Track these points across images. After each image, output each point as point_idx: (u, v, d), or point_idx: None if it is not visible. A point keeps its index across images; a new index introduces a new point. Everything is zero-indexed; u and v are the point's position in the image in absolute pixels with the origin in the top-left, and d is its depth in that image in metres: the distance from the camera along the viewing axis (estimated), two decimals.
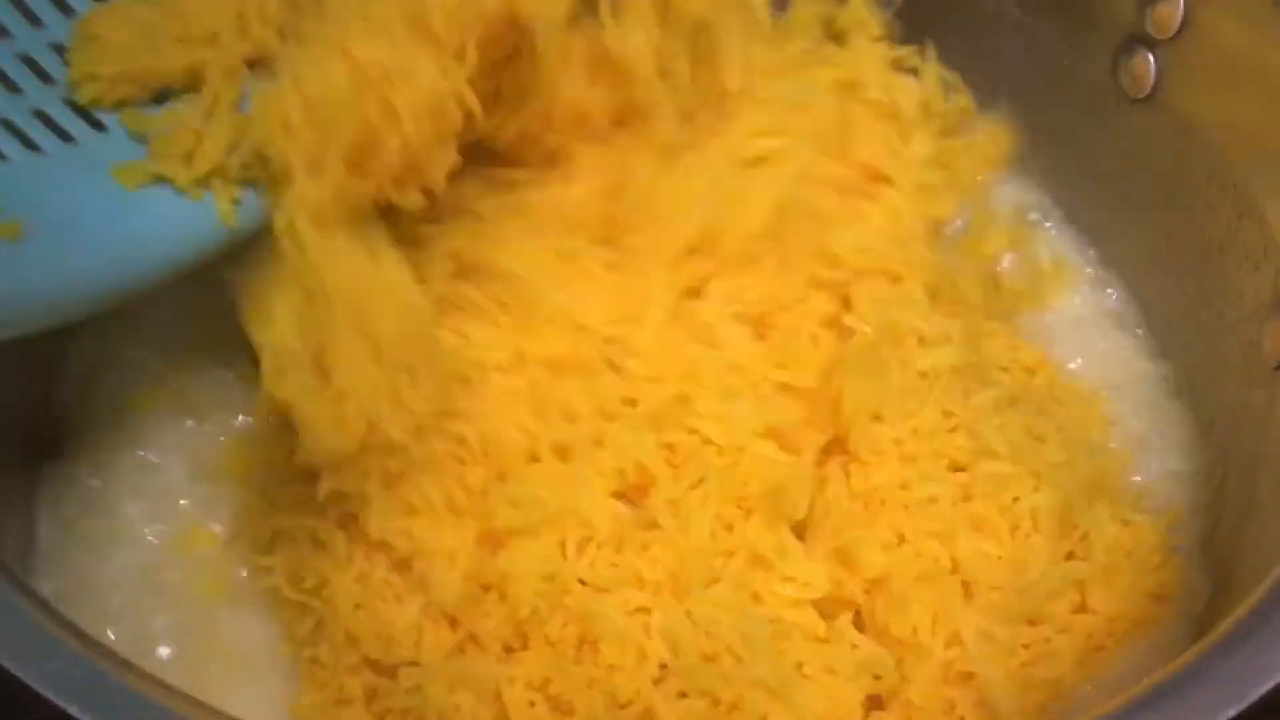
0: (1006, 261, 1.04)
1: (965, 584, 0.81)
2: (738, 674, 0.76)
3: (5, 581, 0.66)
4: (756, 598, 0.78)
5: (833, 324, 0.86)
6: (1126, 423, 1.00)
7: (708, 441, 0.80)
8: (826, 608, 0.81)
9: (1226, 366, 0.91)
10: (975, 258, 0.98)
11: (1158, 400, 1.01)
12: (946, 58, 1.06)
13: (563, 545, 0.78)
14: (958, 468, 0.83)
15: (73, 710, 0.59)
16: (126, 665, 0.62)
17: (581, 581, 0.77)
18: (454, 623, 0.78)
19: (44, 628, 0.63)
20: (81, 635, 0.64)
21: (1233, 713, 0.61)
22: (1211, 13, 0.85)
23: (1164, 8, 0.88)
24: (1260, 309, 0.87)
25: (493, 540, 0.79)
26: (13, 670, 0.60)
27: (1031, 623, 0.81)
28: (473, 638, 0.79)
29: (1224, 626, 0.66)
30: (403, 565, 0.79)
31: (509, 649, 0.78)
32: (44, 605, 0.65)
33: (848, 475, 0.83)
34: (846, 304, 0.86)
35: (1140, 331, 1.03)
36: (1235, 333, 0.90)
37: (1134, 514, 0.87)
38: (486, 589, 0.78)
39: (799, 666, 0.77)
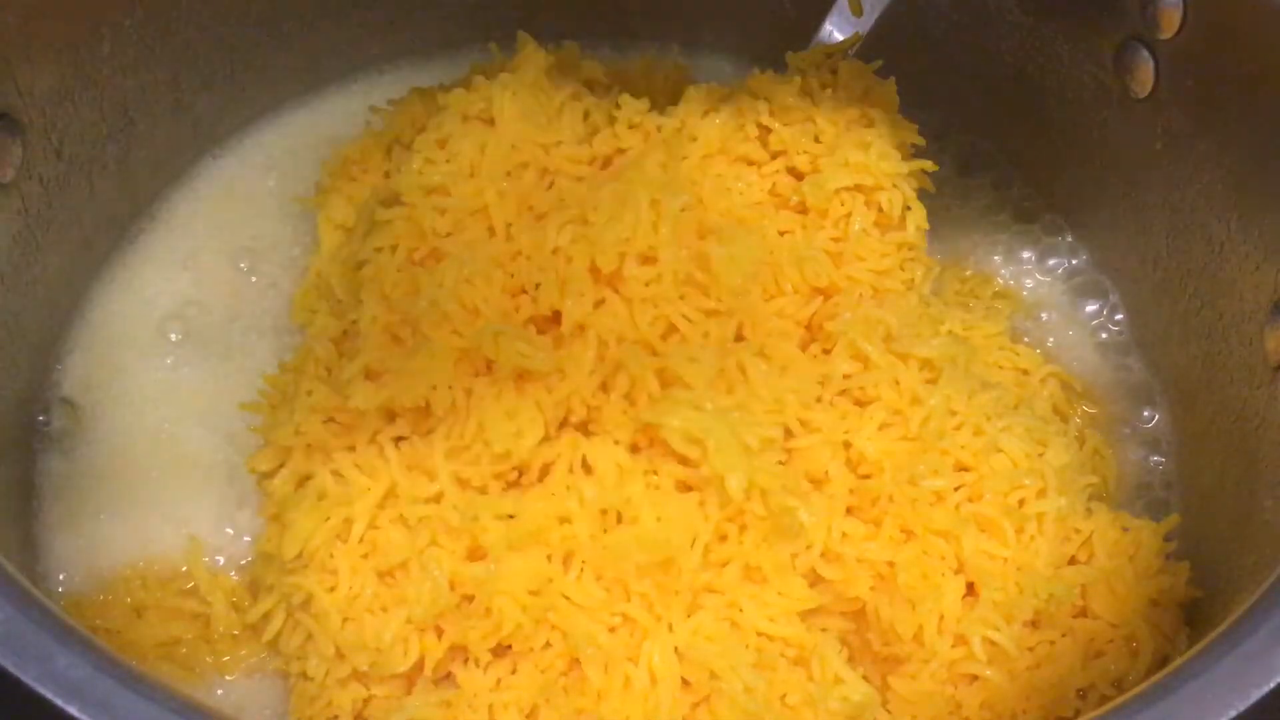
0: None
1: (970, 584, 0.81)
2: (721, 702, 0.76)
3: (6, 584, 0.66)
4: (737, 624, 0.78)
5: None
6: (1126, 423, 1.00)
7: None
8: (823, 604, 0.82)
9: (1226, 367, 0.91)
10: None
11: (1157, 401, 1.01)
12: (946, 58, 1.07)
13: (549, 559, 0.77)
14: (963, 467, 0.83)
15: (73, 710, 0.59)
16: (126, 665, 0.62)
17: (566, 597, 0.77)
18: (441, 633, 0.78)
19: (44, 629, 0.63)
20: (82, 636, 0.64)
21: (1233, 713, 0.61)
22: (1211, 12, 0.85)
23: (1164, 8, 0.88)
24: (1260, 309, 0.87)
25: (480, 554, 0.78)
26: (13, 670, 0.60)
27: (1034, 625, 0.81)
28: (460, 649, 0.79)
29: (1224, 627, 0.66)
30: (388, 576, 0.79)
31: (495, 660, 0.78)
32: (45, 607, 0.65)
33: (853, 466, 0.83)
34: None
35: (1140, 331, 1.03)
36: (1235, 333, 0.90)
37: (1134, 519, 0.87)
38: (470, 600, 0.77)
39: (782, 697, 0.78)
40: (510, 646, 0.78)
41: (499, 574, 0.76)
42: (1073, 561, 0.84)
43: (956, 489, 0.82)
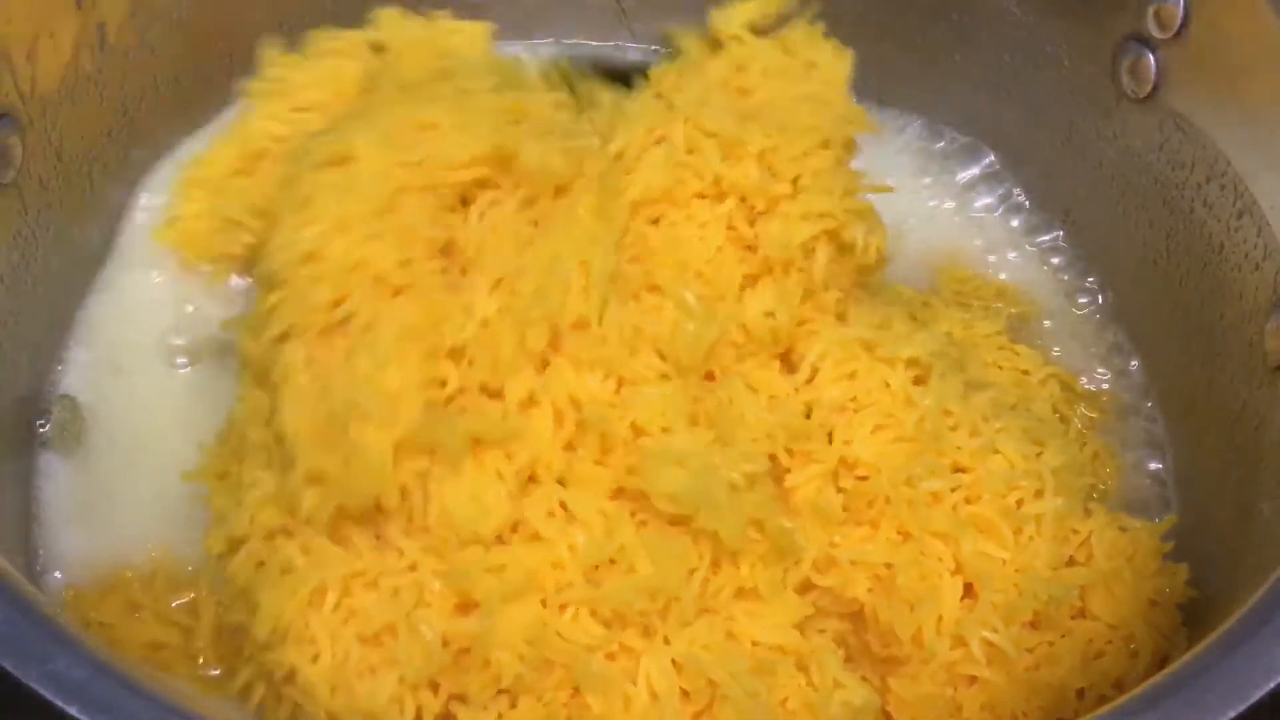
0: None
1: (968, 586, 0.81)
2: (724, 710, 0.75)
3: (6, 584, 0.66)
4: (733, 634, 0.77)
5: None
6: (1125, 424, 1.00)
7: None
8: (822, 606, 0.81)
9: (1226, 367, 0.91)
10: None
11: (1156, 401, 1.01)
12: (946, 59, 1.07)
13: (544, 604, 0.75)
14: (960, 468, 0.82)
15: (73, 710, 0.59)
16: (126, 666, 0.63)
17: (561, 635, 0.75)
18: (437, 688, 0.75)
19: (44, 629, 0.63)
20: (82, 637, 0.64)
21: (1233, 713, 0.61)
22: (1211, 12, 0.85)
23: (1164, 7, 0.88)
24: (1260, 309, 0.87)
25: (471, 606, 0.75)
26: (13, 671, 0.60)
27: (1033, 626, 0.81)
28: (459, 698, 0.76)
29: (1224, 627, 0.66)
30: (373, 640, 0.75)
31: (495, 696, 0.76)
32: (44, 608, 0.65)
33: (850, 468, 0.82)
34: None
35: (1139, 332, 1.03)
36: (1235, 333, 0.90)
37: (1132, 520, 0.87)
38: (466, 652, 0.75)
39: (783, 702, 0.77)
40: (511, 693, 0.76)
41: (494, 627, 0.73)
42: (1071, 562, 0.84)
43: (954, 490, 0.82)
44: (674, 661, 0.76)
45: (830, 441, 0.82)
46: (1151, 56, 0.92)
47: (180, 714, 0.61)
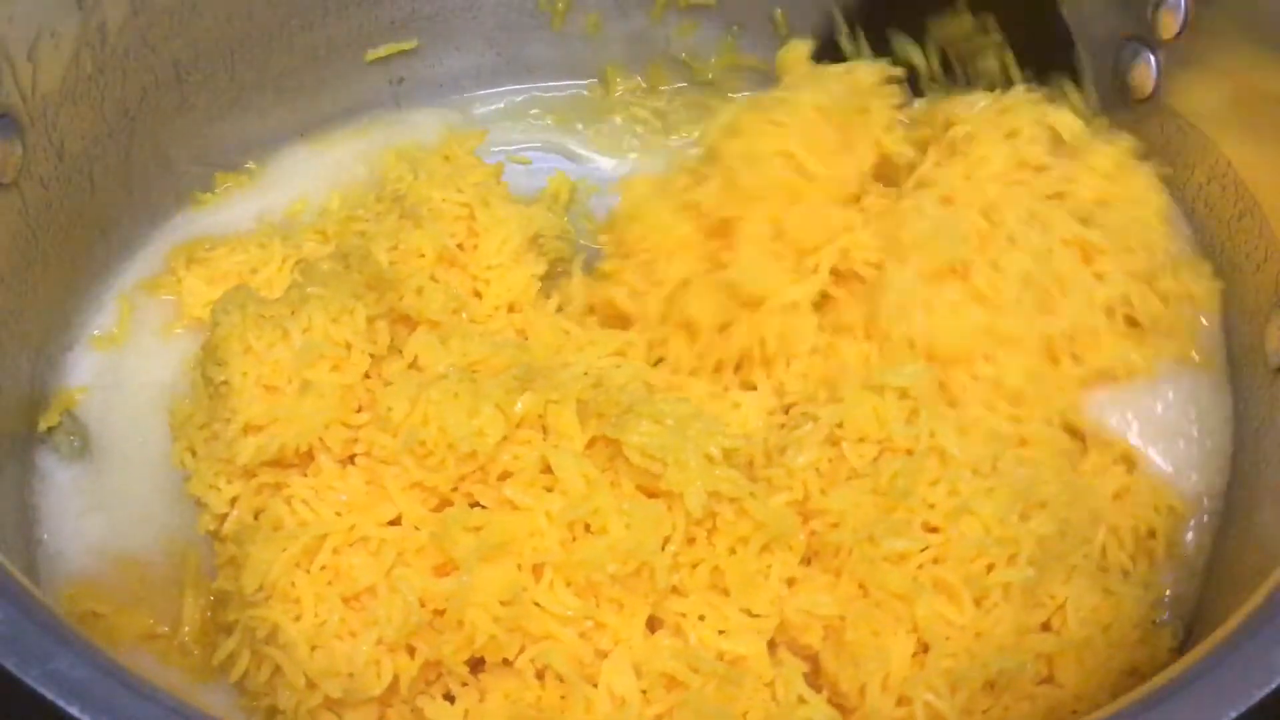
0: None
1: (922, 644, 0.78)
2: (684, 713, 0.75)
3: (7, 583, 0.66)
4: (698, 640, 0.77)
5: None
6: (1126, 425, 1.00)
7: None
8: (783, 641, 0.80)
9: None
10: None
11: (1157, 401, 1.01)
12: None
13: (519, 568, 0.76)
14: (931, 528, 0.79)
15: (73, 710, 0.59)
16: (126, 666, 0.63)
17: (538, 605, 0.76)
18: (413, 652, 0.77)
19: (45, 629, 0.63)
20: (81, 636, 0.64)
21: (1233, 714, 0.61)
22: (1212, 14, 0.86)
23: (1165, 9, 0.88)
24: (1260, 309, 0.87)
25: (449, 568, 0.77)
26: (14, 671, 0.60)
27: (992, 688, 0.78)
28: (434, 665, 0.77)
29: (1224, 628, 0.66)
30: (354, 601, 0.77)
31: (463, 690, 0.78)
32: (45, 607, 0.65)
33: (821, 514, 0.81)
34: None
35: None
36: (1235, 333, 0.90)
37: (1122, 584, 0.83)
38: (441, 614, 0.76)
39: (744, 715, 0.76)
40: (484, 660, 0.77)
41: (471, 586, 0.75)
42: (1045, 628, 0.80)
43: (923, 550, 0.78)
44: (635, 667, 0.76)
45: (796, 471, 0.82)
46: (1151, 56, 0.92)
47: (181, 714, 0.61)
